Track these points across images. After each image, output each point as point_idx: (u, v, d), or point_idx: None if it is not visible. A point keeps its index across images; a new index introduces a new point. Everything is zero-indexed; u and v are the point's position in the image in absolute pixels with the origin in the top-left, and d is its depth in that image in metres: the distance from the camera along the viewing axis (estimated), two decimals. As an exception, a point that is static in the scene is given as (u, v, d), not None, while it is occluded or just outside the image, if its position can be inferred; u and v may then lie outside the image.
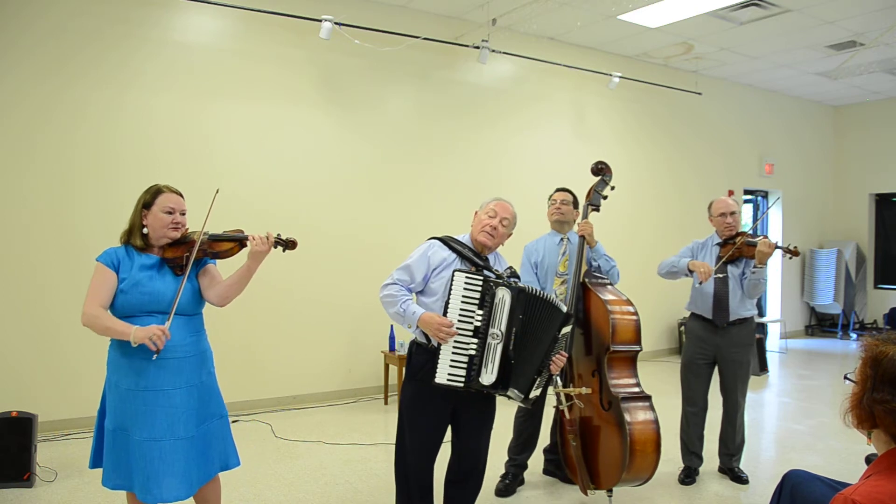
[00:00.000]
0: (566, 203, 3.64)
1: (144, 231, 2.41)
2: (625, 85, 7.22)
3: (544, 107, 6.90)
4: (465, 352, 2.51)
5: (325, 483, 3.74)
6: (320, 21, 5.21)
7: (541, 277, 3.59)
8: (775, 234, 9.13)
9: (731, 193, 8.26)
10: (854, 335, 9.18)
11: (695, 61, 7.61)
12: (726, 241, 3.75)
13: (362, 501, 3.49)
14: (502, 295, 2.51)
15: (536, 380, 2.59)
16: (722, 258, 3.69)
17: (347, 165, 5.71)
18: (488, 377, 2.50)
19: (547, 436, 3.84)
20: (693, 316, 3.84)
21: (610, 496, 3.27)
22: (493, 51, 6.09)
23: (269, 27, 5.26)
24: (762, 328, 7.79)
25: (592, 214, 3.54)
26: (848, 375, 1.61)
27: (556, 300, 2.64)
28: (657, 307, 7.52)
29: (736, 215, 3.76)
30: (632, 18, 6.22)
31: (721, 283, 3.68)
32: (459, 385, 2.51)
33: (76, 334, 2.54)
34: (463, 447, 2.76)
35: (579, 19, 6.23)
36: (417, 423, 2.67)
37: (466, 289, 2.52)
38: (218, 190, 2.53)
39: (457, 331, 2.50)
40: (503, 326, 2.51)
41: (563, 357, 2.68)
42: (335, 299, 5.63)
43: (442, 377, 2.50)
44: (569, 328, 2.67)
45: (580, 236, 3.43)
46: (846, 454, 4.29)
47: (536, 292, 2.58)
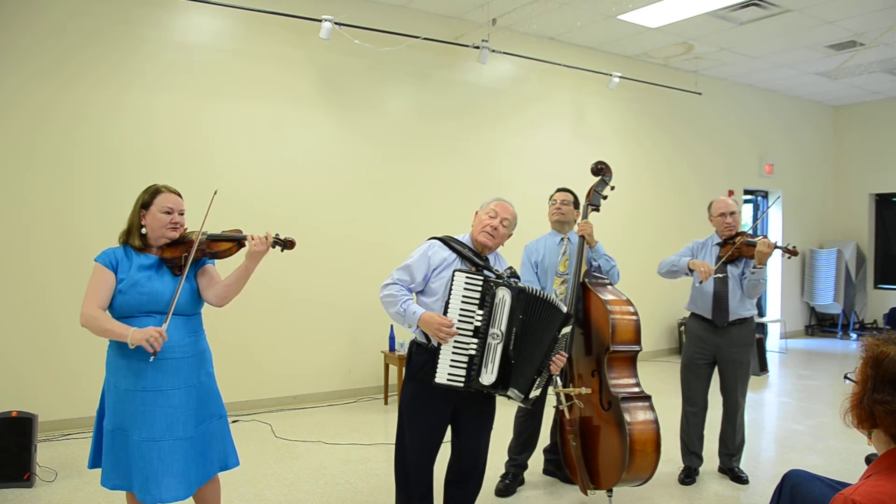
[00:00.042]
0: (566, 203, 3.65)
1: (143, 231, 2.41)
2: (625, 85, 7.22)
3: (544, 107, 6.90)
4: (466, 352, 2.51)
5: (325, 483, 3.74)
6: (320, 21, 5.21)
7: (541, 277, 3.59)
8: (775, 234, 9.13)
9: (731, 193, 8.26)
10: (854, 335, 9.18)
11: (695, 61, 7.61)
12: (726, 241, 3.75)
13: (362, 501, 3.49)
14: (502, 295, 2.51)
15: (536, 380, 2.59)
16: (721, 258, 3.69)
17: (347, 165, 5.71)
18: (488, 377, 2.50)
19: (547, 436, 3.84)
20: (693, 316, 3.84)
21: (610, 496, 3.27)
22: (493, 51, 6.09)
23: (269, 27, 5.26)
24: (762, 328, 7.79)
25: (592, 214, 3.54)
26: (848, 375, 1.60)
27: (557, 300, 2.64)
28: (657, 307, 7.52)
29: (736, 215, 3.76)
30: (632, 18, 6.22)
31: (721, 283, 3.68)
32: (459, 385, 2.51)
33: (76, 334, 2.54)
34: (463, 447, 2.76)
35: (579, 19, 6.23)
36: (417, 423, 2.67)
37: (467, 289, 2.52)
38: (216, 191, 2.53)
39: (457, 331, 2.50)
40: (503, 326, 2.51)
41: (563, 357, 2.68)
42: (335, 299, 5.63)
43: (442, 377, 2.50)
44: (569, 328, 2.67)
45: (580, 236, 3.43)
46: (846, 454, 4.29)
47: (537, 292, 2.58)
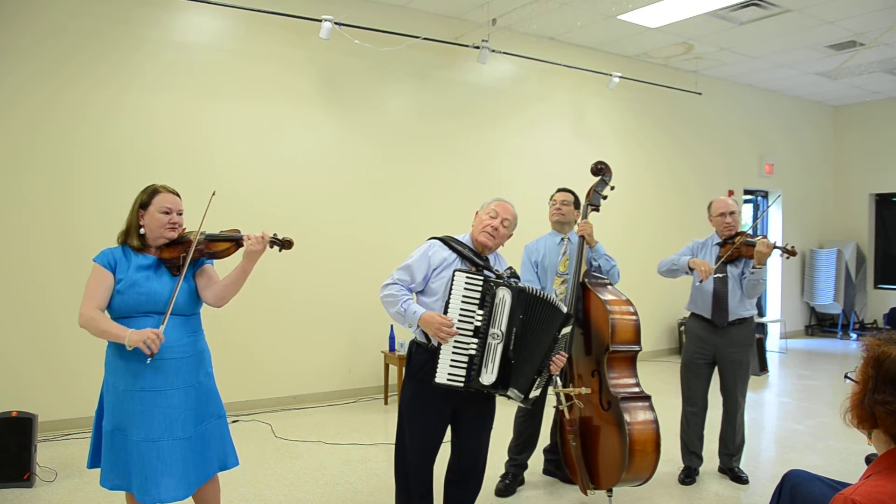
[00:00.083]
0: (567, 204, 3.64)
1: (141, 231, 2.41)
2: (625, 85, 7.22)
3: (544, 107, 6.90)
4: (466, 351, 2.51)
5: (325, 483, 3.74)
6: (320, 21, 5.21)
7: (541, 277, 3.59)
8: (775, 234, 9.13)
9: (731, 193, 8.26)
10: (854, 335, 9.18)
11: (695, 61, 7.60)
12: (726, 241, 3.75)
13: (362, 501, 3.49)
14: (503, 295, 2.51)
15: (536, 380, 2.59)
16: (721, 258, 3.69)
17: (347, 165, 5.71)
18: (488, 377, 2.50)
19: (547, 436, 3.84)
20: (693, 316, 3.84)
21: (610, 496, 3.27)
22: (493, 51, 6.09)
23: (269, 27, 5.26)
24: (762, 328, 7.79)
25: (592, 214, 3.54)
26: (849, 374, 1.60)
27: (557, 300, 2.64)
28: (657, 307, 7.52)
29: (735, 215, 3.76)
30: (632, 18, 6.22)
31: (720, 283, 3.68)
32: (459, 385, 2.51)
33: (76, 334, 2.54)
34: (463, 447, 2.76)
35: (579, 19, 6.23)
36: (417, 423, 2.67)
37: (467, 289, 2.52)
38: (214, 192, 2.53)
39: (457, 331, 2.50)
40: (503, 326, 2.51)
41: (563, 357, 2.68)
42: (335, 299, 5.63)
43: (442, 377, 2.50)
44: (569, 328, 2.67)
45: (580, 236, 3.43)
46: (846, 454, 4.29)
47: (537, 292, 2.58)
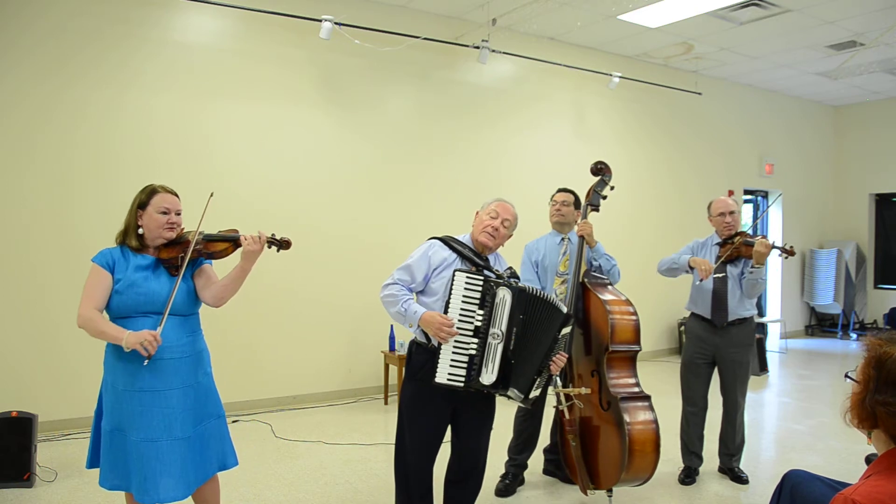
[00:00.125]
0: (567, 204, 3.64)
1: (140, 231, 2.41)
2: (625, 85, 7.22)
3: (544, 107, 6.90)
4: (466, 351, 2.51)
5: (325, 483, 3.74)
6: (320, 21, 5.21)
7: (541, 277, 3.59)
8: (775, 235, 9.13)
9: (731, 193, 8.26)
10: (854, 335, 9.18)
11: (695, 61, 7.60)
12: (726, 241, 3.75)
13: (362, 501, 3.49)
14: (503, 295, 2.51)
15: (536, 380, 2.59)
16: (720, 258, 3.69)
17: (347, 165, 5.71)
18: (488, 377, 2.50)
19: (547, 436, 3.84)
20: (693, 316, 3.84)
21: (610, 496, 3.27)
22: (493, 51, 6.09)
23: (269, 27, 5.26)
24: (762, 328, 7.79)
25: (592, 214, 3.54)
26: (849, 374, 1.59)
27: (557, 301, 2.64)
28: (657, 307, 7.52)
29: (735, 215, 3.75)
30: (632, 18, 6.22)
31: (720, 283, 3.68)
32: (459, 385, 2.51)
33: (76, 334, 2.54)
34: (463, 447, 2.76)
35: (579, 19, 6.23)
36: (417, 423, 2.67)
37: (467, 289, 2.52)
38: (212, 193, 2.53)
39: (457, 330, 2.50)
40: (504, 326, 2.51)
41: (564, 357, 2.68)
42: (335, 299, 5.63)
43: (442, 377, 2.50)
44: (569, 329, 2.67)
45: (579, 236, 3.43)
46: (846, 454, 4.29)
47: (537, 293, 2.58)
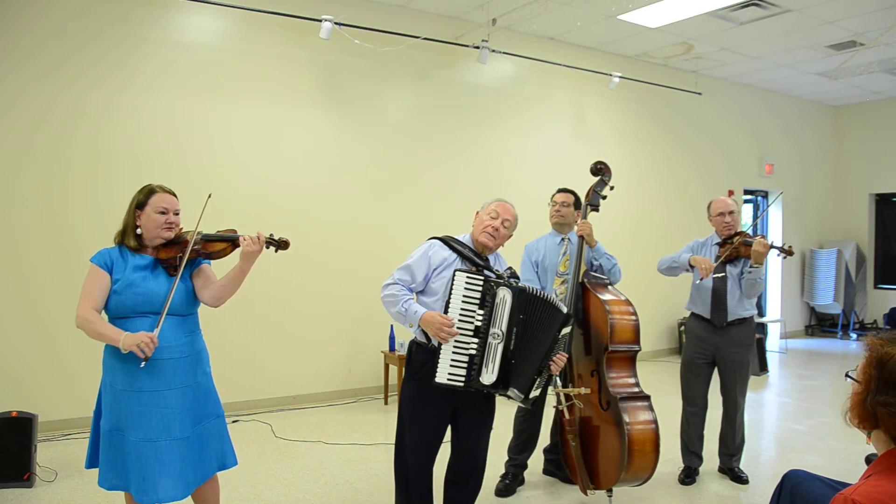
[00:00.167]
0: (566, 205, 3.64)
1: (138, 231, 2.41)
2: (625, 85, 7.22)
3: (544, 107, 6.90)
4: (466, 351, 2.51)
5: (325, 483, 3.74)
6: (320, 21, 5.21)
7: (541, 277, 3.59)
8: (775, 235, 9.13)
9: (731, 193, 8.26)
10: (854, 335, 9.18)
11: (695, 61, 7.60)
12: (725, 241, 3.75)
13: (362, 501, 3.49)
14: (503, 295, 2.51)
15: (536, 380, 2.59)
16: (720, 258, 3.69)
17: (347, 165, 5.71)
18: (489, 377, 2.50)
19: (547, 436, 3.84)
20: (693, 316, 3.84)
21: (610, 496, 3.27)
22: (493, 51, 6.09)
23: (269, 27, 5.26)
24: (762, 328, 7.79)
25: (592, 214, 3.54)
26: (849, 373, 1.59)
27: (557, 301, 2.64)
28: (657, 307, 7.52)
29: (735, 214, 3.75)
30: (632, 18, 6.22)
31: (720, 283, 3.68)
32: (460, 385, 2.51)
33: (76, 334, 2.53)
34: (463, 447, 2.76)
35: (579, 19, 6.23)
36: (417, 423, 2.67)
37: (467, 289, 2.52)
38: (210, 194, 2.52)
39: (458, 330, 2.50)
40: (504, 326, 2.51)
41: (564, 357, 2.68)
42: (335, 299, 5.63)
43: (442, 377, 2.50)
44: (569, 329, 2.67)
45: (579, 236, 3.43)
46: (846, 454, 4.29)
47: (537, 293, 2.58)
